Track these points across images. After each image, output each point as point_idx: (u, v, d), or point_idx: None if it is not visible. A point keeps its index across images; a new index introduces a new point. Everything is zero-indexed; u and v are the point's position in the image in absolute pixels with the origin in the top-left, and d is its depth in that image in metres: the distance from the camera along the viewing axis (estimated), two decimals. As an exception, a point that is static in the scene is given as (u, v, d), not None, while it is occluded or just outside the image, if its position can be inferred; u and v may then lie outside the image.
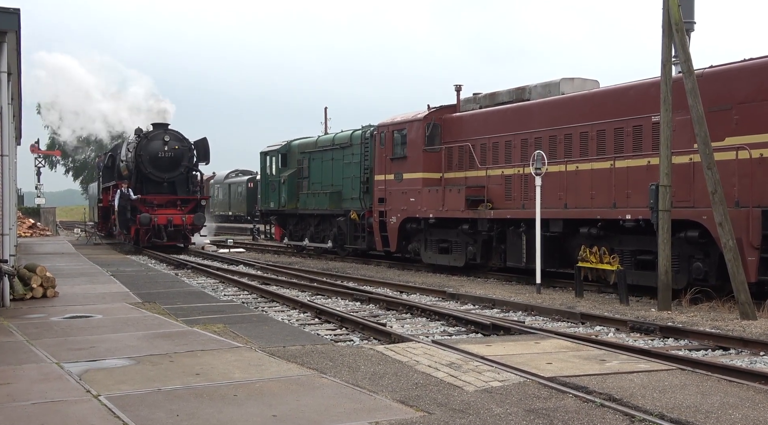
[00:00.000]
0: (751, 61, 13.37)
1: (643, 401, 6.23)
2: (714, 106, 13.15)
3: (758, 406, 6.10)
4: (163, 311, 12.07)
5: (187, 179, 30.60)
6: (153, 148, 29.66)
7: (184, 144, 30.29)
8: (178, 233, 29.35)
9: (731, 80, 13.39)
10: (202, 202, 31.09)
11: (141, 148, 29.67)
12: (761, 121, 12.81)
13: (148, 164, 29.61)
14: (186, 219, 29.12)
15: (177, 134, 30.38)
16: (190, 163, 30.57)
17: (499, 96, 19.47)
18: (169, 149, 29.75)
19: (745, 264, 12.25)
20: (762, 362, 8.91)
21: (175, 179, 30.25)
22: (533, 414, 5.91)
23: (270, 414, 5.93)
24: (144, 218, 28.27)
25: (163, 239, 28.74)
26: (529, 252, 16.81)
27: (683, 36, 12.76)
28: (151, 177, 29.78)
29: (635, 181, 14.70)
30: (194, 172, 31.07)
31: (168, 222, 28.74)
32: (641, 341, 10.27)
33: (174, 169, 30.09)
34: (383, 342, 9.91)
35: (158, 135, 29.93)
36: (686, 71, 12.51)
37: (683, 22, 13.32)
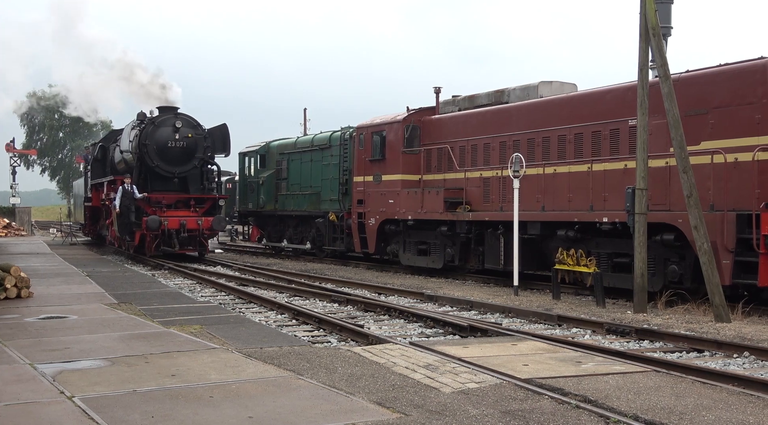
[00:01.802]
0: (727, 66, 13.50)
1: (618, 402, 6.27)
2: (690, 111, 13.27)
3: (731, 408, 6.16)
4: (139, 312, 11.99)
5: (201, 174, 25.38)
6: (161, 137, 24.37)
7: (198, 131, 24.95)
8: (192, 239, 24.33)
9: (707, 85, 13.52)
10: (220, 201, 26.12)
11: (146, 136, 24.28)
12: (736, 125, 12.95)
13: (155, 155, 24.35)
14: (203, 222, 24.08)
15: (190, 119, 25.01)
16: (205, 155, 25.15)
17: (478, 98, 19.53)
18: (181, 137, 24.45)
19: (720, 267, 12.36)
20: (735, 364, 9.00)
21: (187, 174, 25.00)
22: (509, 415, 5.93)
23: (246, 415, 5.91)
24: (152, 222, 23.17)
25: (174, 247, 23.74)
26: (507, 254, 16.88)
27: (660, 40, 12.86)
28: (159, 171, 24.56)
29: (612, 184, 14.80)
30: (210, 165, 25.72)
31: (181, 227, 23.73)
32: (617, 343, 10.32)
33: (186, 161, 24.79)
34: (361, 343, 9.90)
35: (167, 120, 24.60)
36: (663, 75, 12.61)
37: (660, 26, 13.45)
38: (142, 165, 24.80)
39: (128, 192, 23.83)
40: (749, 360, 9.16)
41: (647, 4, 12.74)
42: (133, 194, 23.80)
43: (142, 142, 24.38)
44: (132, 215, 23.87)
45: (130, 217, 23.92)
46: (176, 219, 23.85)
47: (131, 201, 23.86)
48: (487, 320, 12.17)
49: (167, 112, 25.27)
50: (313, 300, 14.99)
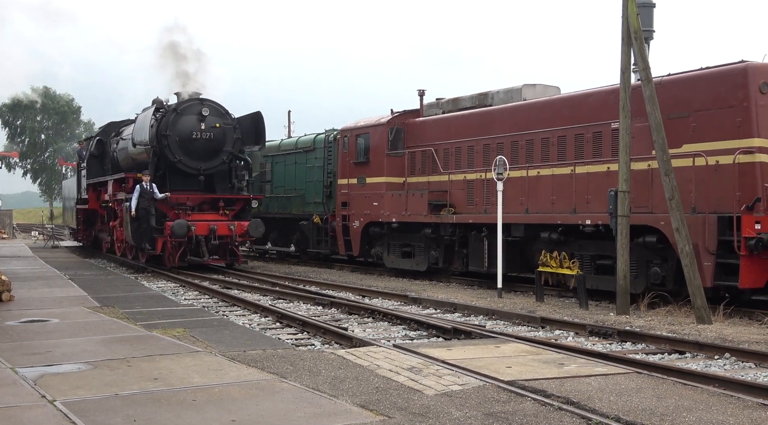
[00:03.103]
0: (708, 70, 13.61)
1: (600, 404, 6.31)
2: (672, 114, 13.37)
3: (712, 409, 6.21)
4: (122, 315, 11.93)
5: (229, 171, 21.81)
6: (185, 127, 20.74)
7: (227, 121, 21.30)
8: (223, 248, 21.01)
9: (689, 88, 13.62)
10: (253, 202, 22.21)
11: (167, 126, 20.68)
12: (717, 128, 13.06)
13: (177, 149, 20.71)
14: (236, 227, 20.55)
15: (218, 107, 21.33)
16: (235, 148, 21.51)
17: (462, 101, 19.58)
18: (208, 128, 20.82)
19: (701, 269, 12.45)
20: (716, 365, 9.07)
21: (213, 171, 21.42)
22: (492, 417, 5.96)
23: (229, 419, 5.90)
24: (179, 227, 19.63)
25: (203, 257, 20.29)
26: (490, 256, 16.92)
27: (642, 44, 12.95)
28: (181, 167, 20.91)
29: (595, 187, 14.87)
30: (239, 161, 22.00)
31: (210, 233, 20.18)
32: (599, 345, 10.38)
33: (213, 156, 21.17)
34: (345, 346, 9.90)
35: (191, 107, 20.96)
36: (645, 79, 12.70)
37: (642, 30, 13.54)
38: (159, 160, 21.16)
39: (147, 191, 20.35)
40: (730, 361, 9.24)
41: (629, 8, 12.83)
42: (152, 194, 20.36)
43: (162, 132, 20.69)
44: (152, 219, 20.34)
45: (150, 222, 20.31)
46: (205, 224, 20.27)
47: (151, 202, 20.38)
48: (470, 322, 12.19)
49: (187, 99, 21.47)
50: (297, 302, 14.97)
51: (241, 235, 20.90)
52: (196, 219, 20.51)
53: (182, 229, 19.72)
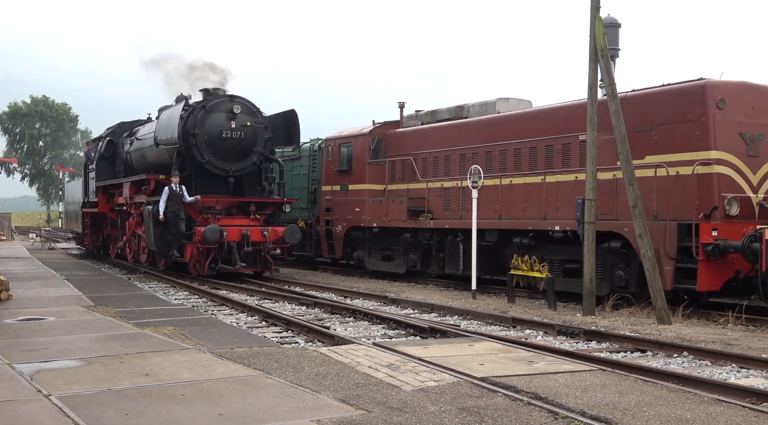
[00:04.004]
0: (670, 86, 13.75)
1: (566, 399, 6.33)
2: (635, 127, 13.47)
3: (671, 404, 6.26)
4: (115, 314, 11.84)
5: (259, 173, 19.71)
6: (214, 125, 18.57)
7: (258, 119, 19.20)
8: (255, 255, 18.76)
9: (651, 103, 13.74)
10: (285, 206, 19.76)
11: (194, 124, 18.50)
12: (677, 141, 13.18)
13: (205, 149, 18.55)
14: (270, 234, 18.41)
15: (249, 105, 19.17)
16: (266, 149, 19.39)
17: (440, 113, 19.65)
18: (238, 127, 18.71)
19: (662, 273, 12.55)
20: (675, 363, 9.12)
21: (243, 172, 19.26)
22: (465, 412, 5.97)
23: (216, 413, 5.88)
24: (211, 232, 17.48)
25: (235, 264, 18.04)
26: (465, 260, 16.96)
27: (608, 62, 13.04)
28: (210, 168, 18.74)
29: (564, 195, 14.95)
30: (269, 163, 19.98)
31: (243, 239, 18.02)
32: (567, 344, 10.41)
33: (244, 156, 19.02)
34: (327, 344, 9.88)
35: (221, 104, 18.75)
36: (611, 94, 12.79)
37: (608, 48, 13.64)
38: (185, 160, 18.90)
39: (176, 194, 18.22)
40: (688, 359, 9.30)
41: (596, 28, 12.92)
42: (182, 197, 18.29)
43: (189, 131, 18.51)
44: (182, 224, 18.22)
45: (180, 227, 18.20)
46: (237, 230, 18.09)
47: (180, 206, 18.26)
48: (446, 322, 12.20)
49: (216, 94, 19.29)
50: (282, 302, 14.92)
51: (275, 242, 18.57)
52: (227, 224, 18.25)
53: (215, 235, 17.52)
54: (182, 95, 20.25)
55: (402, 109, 20.84)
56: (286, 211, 19.81)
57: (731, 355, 9.10)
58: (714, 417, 5.86)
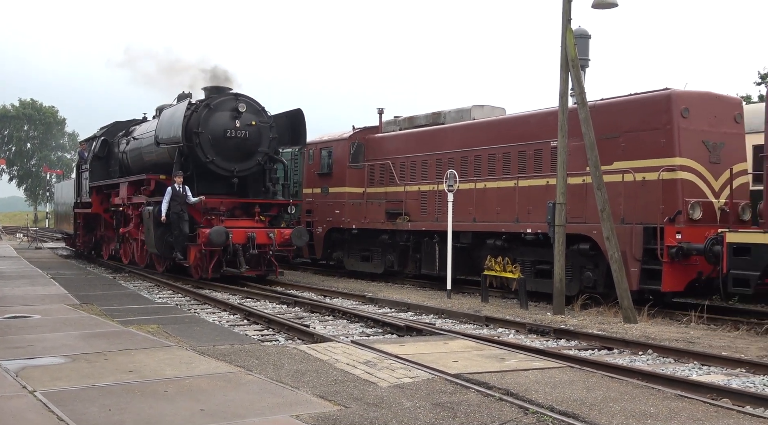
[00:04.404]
0: (637, 96, 13.87)
1: (536, 395, 6.37)
2: (604, 134, 13.57)
3: (635, 399, 6.31)
4: (100, 312, 11.74)
5: (263, 173, 18.56)
6: (218, 124, 17.46)
7: (263, 118, 18.08)
8: (260, 258, 17.65)
9: (619, 112, 13.85)
10: (290, 208, 18.82)
11: (198, 123, 17.34)
12: (644, 148, 13.30)
13: (209, 148, 17.43)
14: (275, 236, 17.33)
15: (254, 103, 18.04)
16: (270, 149, 18.28)
17: (417, 119, 19.69)
18: (243, 126, 17.57)
19: (629, 274, 12.65)
20: (640, 360, 9.20)
21: (247, 173, 18.17)
22: (439, 407, 5.98)
23: (198, 408, 5.85)
24: (217, 234, 16.38)
25: (240, 268, 16.98)
26: (441, 260, 16.99)
27: (578, 71, 13.13)
28: (213, 168, 17.62)
29: (535, 199, 15.03)
30: (273, 163, 18.86)
31: (248, 241, 16.97)
32: (537, 342, 10.46)
33: (248, 156, 17.91)
34: (306, 342, 9.86)
35: (226, 103, 17.67)
36: (581, 102, 12.88)
37: (579, 59, 13.73)
38: (187, 160, 17.70)
39: (180, 195, 17.10)
40: (652, 357, 9.37)
41: (567, 39, 13.01)
42: (186, 198, 17.23)
43: (193, 129, 17.30)
44: (186, 225, 17.11)
45: (183, 228, 17.08)
46: (242, 232, 17.00)
47: (183, 206, 17.19)
48: (422, 320, 12.22)
49: (221, 92, 18.16)
50: (263, 301, 14.86)
51: (281, 244, 17.50)
52: (231, 225, 17.12)
53: (221, 237, 16.40)
54: (184, 93, 19.12)
55: (381, 115, 20.86)
56: (291, 213, 18.85)
57: (693, 353, 9.19)
58: (676, 412, 5.92)
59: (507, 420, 5.63)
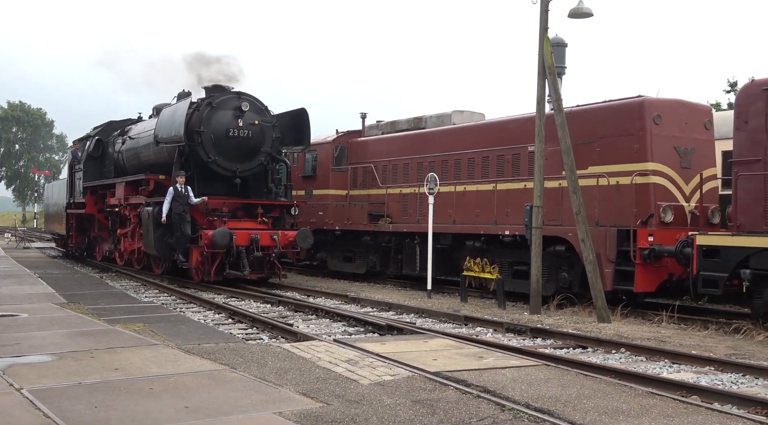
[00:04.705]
0: (611, 103, 13.97)
1: (512, 392, 6.39)
2: (580, 140, 13.65)
3: (608, 396, 6.35)
4: (87, 311, 11.64)
5: (266, 174, 17.81)
6: (220, 123, 16.69)
7: (266, 118, 17.36)
8: (263, 260, 16.68)
9: (594, 118, 13.94)
10: (293, 209, 17.85)
11: (200, 122, 16.59)
12: (618, 153, 13.39)
13: (211, 148, 16.65)
14: (280, 237, 16.51)
15: (257, 102, 17.30)
16: (273, 149, 17.52)
17: (399, 124, 19.72)
18: (245, 125, 16.85)
19: (603, 275, 12.73)
20: (613, 359, 9.25)
21: (249, 173, 17.36)
22: (419, 404, 5.99)
23: (183, 405, 5.81)
24: (221, 236, 15.54)
25: (244, 271, 16.16)
26: (422, 261, 17.02)
27: (555, 78, 13.20)
28: (215, 168, 16.81)
29: (513, 202, 15.09)
30: (275, 163, 18.04)
31: (252, 243, 16.14)
32: (514, 340, 10.50)
33: (251, 156, 17.14)
34: (290, 340, 9.82)
35: (228, 101, 16.92)
36: (557, 109, 12.94)
37: (555, 66, 13.80)
38: (188, 160, 16.82)
39: (182, 195, 16.28)
40: (625, 355, 9.44)
41: (545, 47, 13.08)
42: (188, 198, 16.36)
43: (194, 128, 16.51)
44: (188, 227, 16.29)
45: (185, 229, 16.25)
46: (245, 233, 16.19)
47: (186, 207, 16.35)
48: (403, 320, 12.23)
49: (223, 91, 17.40)
50: (248, 301, 14.80)
51: (285, 247, 16.72)
52: (234, 227, 16.24)
53: (224, 239, 15.54)
54: (184, 91, 18.33)
55: (364, 119, 20.88)
56: (294, 214, 17.91)
57: (664, 351, 9.26)
58: (647, 409, 5.97)
59: (484, 417, 5.64)
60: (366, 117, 20.92)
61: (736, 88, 23.23)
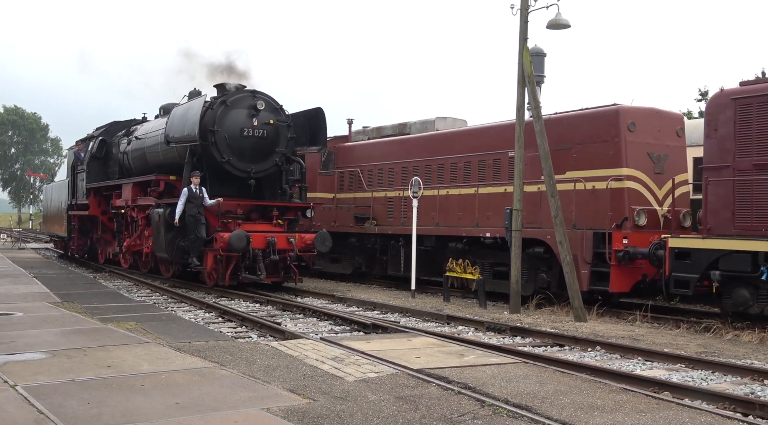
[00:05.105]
0: (587, 110, 14.06)
1: (492, 389, 6.40)
2: (558, 146, 13.72)
3: (583, 392, 6.38)
4: (81, 310, 11.54)
5: (280, 175, 16.57)
6: (235, 122, 15.55)
7: (281, 117, 16.18)
8: (278, 264, 15.57)
9: (571, 125, 14.02)
10: (308, 212, 16.75)
11: (214, 121, 15.45)
12: (594, 159, 13.48)
13: (225, 147, 15.51)
14: (296, 240, 15.47)
15: (272, 101, 16.12)
16: (288, 149, 16.39)
17: (385, 129, 19.74)
18: (260, 124, 15.71)
19: (579, 276, 12.79)
20: (589, 356, 9.29)
21: (263, 174, 16.22)
22: (402, 400, 5.99)
23: (174, 402, 5.78)
24: (238, 239, 14.42)
25: (260, 274, 15.02)
26: (406, 262, 17.02)
27: (534, 87, 13.26)
28: (229, 169, 15.68)
29: (494, 205, 15.14)
30: (289, 164, 16.72)
31: (269, 247, 15.05)
32: (494, 339, 10.50)
33: (265, 157, 16.00)
34: (278, 338, 9.79)
35: (243, 100, 15.75)
36: (536, 116, 13.00)
37: (534, 75, 13.88)
38: (200, 160, 15.70)
39: (196, 196, 15.17)
40: (600, 353, 9.47)
41: (524, 57, 13.14)
42: (202, 200, 15.25)
43: (208, 127, 15.37)
44: (203, 229, 15.15)
45: (200, 232, 15.13)
46: (262, 236, 15.06)
47: (200, 209, 15.25)
48: (387, 319, 12.22)
49: (236, 89, 16.19)
50: (237, 300, 14.73)
51: (302, 250, 15.63)
52: (249, 229, 15.13)
53: (241, 242, 14.43)
54: (195, 90, 17.27)
55: (350, 125, 20.89)
56: (308, 216, 16.86)
57: (638, 349, 9.31)
58: (621, 404, 6.00)
59: (465, 412, 5.65)
60: (353, 123, 20.94)
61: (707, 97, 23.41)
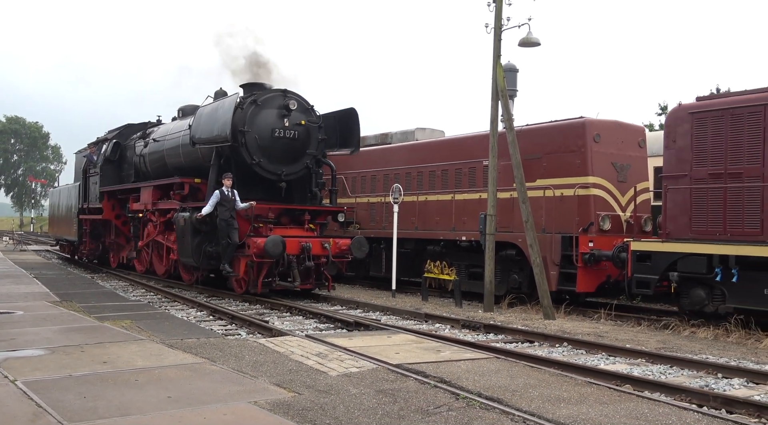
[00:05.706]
0: (556, 123, 14.16)
1: (466, 382, 6.43)
2: (528, 155, 13.80)
3: (551, 386, 6.42)
4: (79, 309, 11.43)
5: (310, 177, 14.99)
6: (266, 122, 14.05)
7: (312, 118, 14.69)
8: (311, 271, 14.02)
9: (542, 136, 14.11)
10: (339, 215, 15.32)
11: (244, 121, 13.90)
12: (562, 168, 13.57)
13: (255, 149, 13.98)
14: (330, 246, 13.88)
15: (303, 101, 14.61)
16: (319, 151, 14.89)
17: (367, 139, 19.74)
18: (292, 125, 14.21)
19: (549, 276, 12.88)
20: (557, 352, 9.34)
21: (294, 177, 14.70)
22: (382, 393, 6.00)
23: (166, 395, 5.75)
24: (274, 244, 12.94)
25: (294, 282, 13.58)
26: (387, 264, 17.03)
27: (507, 101, 13.33)
28: (259, 171, 14.16)
29: (470, 211, 15.20)
30: (320, 167, 15.17)
31: (303, 252, 13.50)
32: (469, 336, 10.53)
33: (296, 159, 14.50)
34: (266, 336, 9.76)
35: (274, 99, 14.24)
36: (508, 128, 13.08)
37: (507, 89, 13.96)
38: (227, 162, 14.29)
39: (228, 199, 13.61)
40: (567, 349, 9.54)
41: (498, 72, 13.22)
42: (234, 203, 13.72)
43: (238, 128, 13.80)
44: (235, 234, 13.57)
45: (233, 237, 13.54)
46: (296, 241, 13.52)
47: (233, 213, 13.67)
48: (369, 317, 12.20)
49: (263, 89, 14.66)
50: (228, 300, 14.63)
51: (336, 256, 14.08)
52: (282, 234, 13.55)
53: (277, 248, 12.96)
54: (221, 90, 15.94)
55: (336, 135, 20.81)
56: (340, 221, 15.40)
57: (602, 345, 9.37)
58: (585, 397, 6.04)
59: (440, 405, 5.67)
60: (338, 133, 20.82)
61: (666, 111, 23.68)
